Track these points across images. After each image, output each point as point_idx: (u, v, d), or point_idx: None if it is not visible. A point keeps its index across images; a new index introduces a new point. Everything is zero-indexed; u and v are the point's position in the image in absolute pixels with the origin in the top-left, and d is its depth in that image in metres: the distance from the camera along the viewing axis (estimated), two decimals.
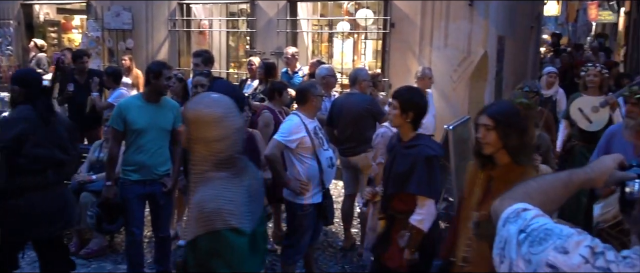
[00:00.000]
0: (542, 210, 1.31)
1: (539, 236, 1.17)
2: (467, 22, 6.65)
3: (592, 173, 1.44)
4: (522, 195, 1.37)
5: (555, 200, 1.40)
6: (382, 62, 7.28)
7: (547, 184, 1.42)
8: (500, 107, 2.67)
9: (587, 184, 1.46)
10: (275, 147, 3.99)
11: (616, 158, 1.47)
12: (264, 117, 4.92)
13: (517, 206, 1.30)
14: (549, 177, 1.48)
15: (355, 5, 8.47)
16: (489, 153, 2.59)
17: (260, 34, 7.98)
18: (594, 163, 1.47)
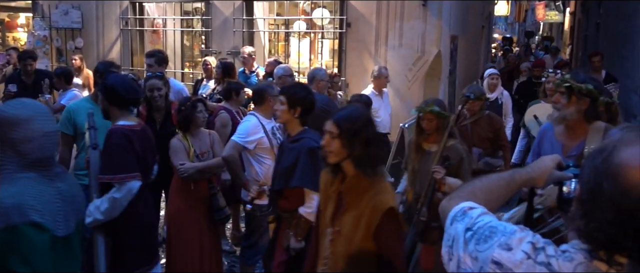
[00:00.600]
0: (488, 207, 1.37)
1: (484, 234, 1.23)
2: (421, 22, 6.78)
3: (533, 173, 1.52)
4: (467, 194, 1.43)
5: (499, 198, 1.48)
6: (339, 62, 7.33)
7: (492, 183, 1.49)
8: (348, 113, 2.45)
9: (528, 183, 1.54)
10: (233, 148, 3.96)
11: (554, 159, 1.55)
12: (221, 118, 4.86)
13: (464, 204, 1.35)
14: (493, 176, 1.54)
15: (312, 5, 8.49)
16: (334, 163, 2.43)
17: (216, 34, 7.88)
18: (534, 163, 1.56)
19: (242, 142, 3.96)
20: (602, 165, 1.09)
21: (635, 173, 1.05)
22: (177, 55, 8.64)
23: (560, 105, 2.93)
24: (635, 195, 1.03)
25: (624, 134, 1.16)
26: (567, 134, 3.01)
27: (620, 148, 1.09)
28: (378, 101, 6.36)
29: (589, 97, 2.85)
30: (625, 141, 1.11)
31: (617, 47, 9.44)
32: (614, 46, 9.86)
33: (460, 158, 3.68)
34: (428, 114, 3.75)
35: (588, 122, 2.90)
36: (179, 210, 4.05)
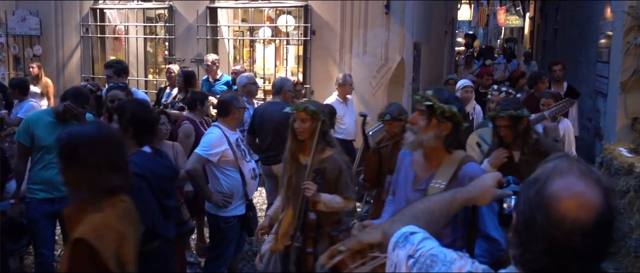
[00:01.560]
0: (429, 229, 1.40)
1: (425, 262, 1.24)
2: (384, 29, 6.87)
3: (474, 192, 1.57)
4: (409, 217, 1.46)
5: (440, 220, 1.52)
6: (304, 69, 7.36)
7: (433, 205, 1.52)
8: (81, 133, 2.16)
9: (469, 202, 1.59)
10: (197, 161, 3.94)
11: (495, 177, 1.60)
12: (184, 128, 4.82)
13: (405, 229, 1.36)
14: (434, 197, 1.58)
15: (277, 11, 8.49)
16: None
17: (180, 41, 7.80)
18: (475, 182, 1.60)
19: (206, 155, 3.94)
20: (535, 196, 1.11)
21: (566, 205, 1.07)
22: (140, 63, 8.51)
23: (417, 128, 2.36)
24: (566, 226, 1.05)
25: (557, 164, 1.17)
26: (423, 163, 2.48)
27: (553, 179, 1.11)
28: (343, 108, 6.41)
29: (452, 122, 2.33)
30: (558, 172, 1.13)
31: (573, 52, 9.77)
32: (571, 51, 10.20)
33: (339, 171, 3.25)
34: (301, 113, 3.27)
35: (447, 151, 2.39)
36: None
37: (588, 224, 1.06)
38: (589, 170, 1.15)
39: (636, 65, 5.91)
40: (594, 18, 7.91)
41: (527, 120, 3.48)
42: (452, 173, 2.31)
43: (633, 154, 5.46)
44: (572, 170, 1.13)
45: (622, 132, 6.14)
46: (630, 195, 4.76)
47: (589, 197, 1.08)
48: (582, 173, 1.13)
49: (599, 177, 1.13)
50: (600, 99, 7.14)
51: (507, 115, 3.42)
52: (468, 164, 2.35)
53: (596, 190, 1.09)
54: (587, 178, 1.11)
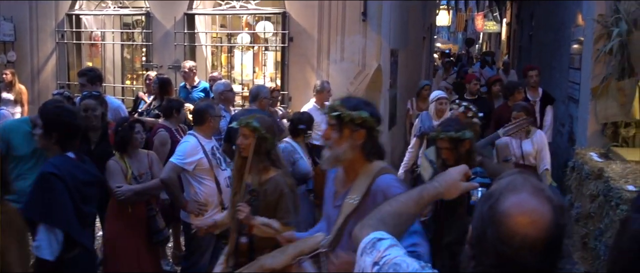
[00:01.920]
0: (397, 230, 1.43)
1: (388, 271, 1.28)
2: (361, 36, 6.93)
3: (441, 188, 1.59)
4: (377, 222, 1.48)
5: (408, 219, 1.54)
6: (282, 76, 7.38)
7: (401, 206, 1.54)
8: None
9: (437, 198, 1.60)
10: (172, 170, 3.94)
11: (461, 170, 1.62)
12: (160, 136, 4.81)
13: (373, 235, 1.40)
14: (402, 197, 1.59)
15: (256, 18, 8.50)
16: None
17: (157, 47, 7.76)
18: (442, 177, 1.62)
19: (181, 164, 3.94)
20: (488, 212, 1.14)
21: (516, 222, 1.10)
22: (118, 69, 8.44)
23: (331, 142, 2.23)
24: (516, 243, 1.09)
25: (512, 180, 1.20)
26: (342, 177, 2.34)
27: (506, 196, 1.14)
28: (320, 115, 6.44)
29: (365, 128, 2.21)
30: (511, 188, 1.16)
31: (548, 58, 9.97)
32: (545, 57, 10.40)
33: (280, 194, 3.00)
34: (244, 129, 3.13)
35: (367, 160, 2.26)
36: (116, 233, 3.97)
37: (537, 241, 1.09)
38: (541, 187, 1.18)
39: (606, 73, 6.06)
40: (567, 25, 8.09)
41: (470, 142, 3.35)
42: (366, 188, 2.20)
43: (603, 159, 5.60)
44: (525, 187, 1.16)
45: (593, 137, 6.27)
46: (599, 199, 4.87)
47: (539, 214, 1.11)
48: (534, 190, 1.16)
49: (550, 195, 1.16)
50: (572, 104, 7.30)
51: (447, 137, 3.33)
52: (381, 177, 2.21)
53: (547, 208, 1.13)
54: (539, 196, 1.14)
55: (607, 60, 6.03)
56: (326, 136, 2.27)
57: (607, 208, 4.66)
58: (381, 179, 2.20)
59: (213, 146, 4.20)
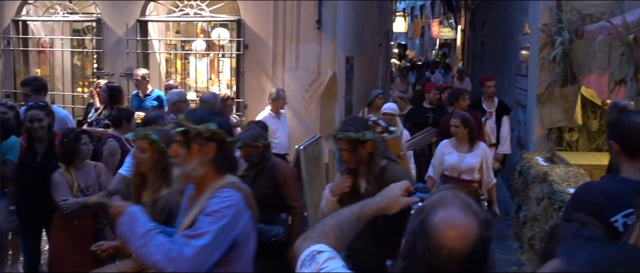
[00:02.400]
0: (338, 244, 1.46)
1: None
2: (316, 44, 6.98)
3: (382, 202, 1.62)
4: (319, 234, 1.51)
5: (350, 233, 1.57)
6: (237, 83, 7.35)
7: (342, 220, 1.57)
8: None
9: (379, 212, 1.64)
10: (120, 181, 3.86)
11: (402, 186, 1.66)
12: (109, 146, 4.71)
13: (313, 248, 1.42)
14: (344, 211, 1.62)
15: (211, 25, 8.43)
16: None
17: (108, 54, 7.60)
18: (384, 192, 1.66)
19: (130, 175, 3.86)
20: (419, 226, 1.19)
21: (445, 235, 1.15)
22: (67, 77, 8.21)
23: (180, 160, 2.12)
24: (443, 255, 1.14)
25: (443, 195, 1.25)
26: (193, 194, 2.23)
27: (436, 210, 1.19)
28: (276, 123, 6.45)
29: (215, 141, 2.11)
30: (441, 203, 1.21)
31: (498, 65, 10.28)
32: (495, 63, 10.73)
33: (168, 214, 2.75)
34: (141, 142, 2.90)
35: (220, 173, 2.15)
36: (62, 248, 3.86)
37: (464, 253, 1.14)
38: (468, 202, 1.23)
39: (550, 80, 6.31)
40: (515, 33, 8.37)
41: (373, 144, 3.00)
42: (206, 200, 2.09)
43: (548, 163, 5.82)
44: (455, 202, 1.21)
45: (540, 141, 6.52)
46: (544, 202, 5.06)
47: (466, 228, 1.17)
48: (462, 205, 1.21)
49: (477, 210, 1.22)
50: (520, 110, 7.55)
51: (346, 137, 2.97)
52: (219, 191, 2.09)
53: (474, 222, 1.18)
54: (466, 211, 1.20)
55: (552, 68, 6.30)
56: (174, 154, 2.13)
57: (551, 211, 4.84)
58: (216, 195, 2.09)
59: None
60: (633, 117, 2.29)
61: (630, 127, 2.18)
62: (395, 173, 2.95)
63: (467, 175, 4.91)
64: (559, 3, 6.26)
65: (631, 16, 4.72)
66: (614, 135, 2.24)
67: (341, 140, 3.01)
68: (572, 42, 5.90)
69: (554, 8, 6.28)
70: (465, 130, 4.88)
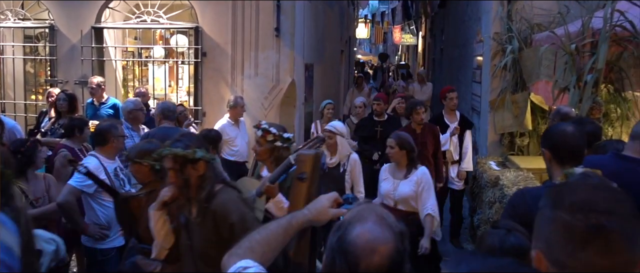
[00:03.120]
0: (265, 258, 1.48)
1: None
2: (275, 52, 7.01)
3: (310, 215, 1.62)
4: (245, 250, 1.51)
5: (277, 246, 1.57)
6: (195, 91, 7.29)
7: (269, 234, 1.57)
8: None
9: (307, 225, 1.63)
10: (70, 193, 3.78)
11: (331, 197, 1.66)
12: (61, 157, 4.60)
13: (239, 264, 1.43)
14: (271, 225, 1.62)
15: (171, 31, 8.35)
16: None
17: (63, 62, 7.43)
18: (312, 204, 1.66)
19: (80, 186, 3.80)
20: (337, 243, 1.22)
21: (362, 250, 1.18)
22: (19, 84, 7.98)
23: None
24: (361, 270, 1.17)
25: (360, 210, 1.29)
26: None
27: (353, 226, 1.23)
28: (234, 130, 6.44)
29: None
30: (358, 218, 1.25)
31: (455, 72, 10.53)
32: (453, 70, 10.98)
33: None
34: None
35: None
36: None
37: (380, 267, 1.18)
38: (384, 216, 1.27)
39: (502, 86, 6.51)
40: (470, 41, 8.60)
41: (205, 165, 2.56)
42: None
43: (500, 167, 6.00)
44: (371, 217, 1.25)
45: (493, 146, 6.71)
46: (496, 206, 5.21)
47: (382, 242, 1.20)
48: (378, 219, 1.25)
49: (392, 223, 1.26)
50: (475, 116, 7.76)
51: (172, 154, 2.52)
52: None
53: (389, 236, 1.22)
54: (382, 225, 1.23)
55: (503, 75, 6.50)
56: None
57: None
58: None
59: (116, 167, 4.08)
60: (562, 126, 2.40)
61: (560, 136, 2.29)
62: (223, 201, 2.56)
63: (402, 205, 4.21)
64: (510, 13, 6.47)
65: (573, 27, 4.93)
66: (546, 144, 2.35)
67: (167, 158, 2.55)
68: (521, 50, 6.10)
69: (504, 17, 6.48)
70: (402, 152, 4.21)
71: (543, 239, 1.11)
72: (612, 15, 4.41)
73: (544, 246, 1.11)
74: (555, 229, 1.08)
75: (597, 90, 4.48)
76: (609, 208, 1.06)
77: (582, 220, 1.04)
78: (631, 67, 4.41)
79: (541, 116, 6.40)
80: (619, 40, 4.48)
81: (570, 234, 1.05)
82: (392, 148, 4.25)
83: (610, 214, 1.05)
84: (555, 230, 1.08)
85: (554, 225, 1.09)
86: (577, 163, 2.34)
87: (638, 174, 2.28)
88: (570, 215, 1.06)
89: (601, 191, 1.11)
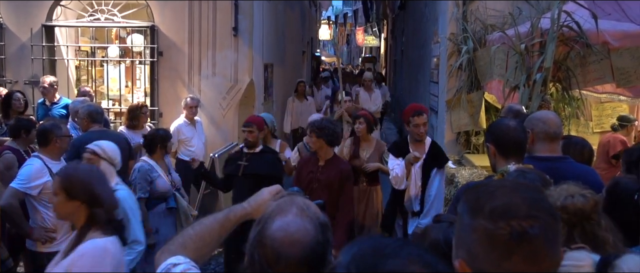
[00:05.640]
0: (198, 254, 1.44)
1: None
2: (233, 51, 6.93)
3: (249, 208, 1.58)
4: (177, 246, 1.47)
5: (212, 242, 1.53)
6: (152, 91, 7.15)
7: (204, 229, 1.53)
8: None
9: (245, 218, 1.58)
10: (12, 196, 3.65)
11: (272, 190, 1.62)
12: (5, 159, 4.42)
13: (170, 261, 1.40)
14: (207, 220, 1.58)
15: (127, 30, 8.15)
16: None
17: (11, 61, 7.16)
18: (252, 198, 1.62)
19: (23, 189, 3.67)
20: (256, 236, 1.19)
21: (281, 243, 1.15)
22: None
23: None
24: (281, 263, 1.15)
25: (280, 203, 1.27)
26: None
27: (273, 219, 1.20)
28: (191, 130, 6.35)
29: None
30: (278, 211, 1.22)
31: (415, 72, 10.67)
32: (413, 71, 11.13)
33: None
34: None
35: None
36: None
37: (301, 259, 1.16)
38: (305, 207, 1.24)
39: (458, 86, 6.63)
40: (428, 42, 8.73)
41: None
42: None
43: (456, 165, 6.10)
44: (291, 209, 1.22)
45: (450, 145, 6.82)
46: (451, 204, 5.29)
47: (302, 234, 1.17)
48: (299, 211, 1.22)
49: (313, 214, 1.23)
50: (433, 115, 7.87)
51: None
52: None
53: (309, 227, 1.19)
54: (302, 216, 1.21)
55: (459, 75, 6.62)
56: None
57: None
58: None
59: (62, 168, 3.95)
60: (505, 121, 2.45)
61: (503, 130, 2.33)
62: None
63: None
64: (465, 14, 6.60)
65: (523, 28, 5.05)
66: (490, 138, 2.39)
67: None
68: (475, 50, 6.23)
69: (460, 18, 6.61)
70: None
71: (465, 248, 1.07)
72: (559, 16, 4.54)
73: (466, 255, 1.06)
74: (477, 238, 1.04)
75: (546, 89, 4.61)
76: (529, 212, 1.02)
77: (504, 228, 1.00)
78: (578, 66, 4.55)
79: (495, 115, 6.53)
80: (566, 40, 4.62)
81: (492, 243, 1.01)
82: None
83: (532, 218, 1.01)
84: (476, 239, 1.04)
85: (475, 234, 1.04)
86: (520, 158, 2.39)
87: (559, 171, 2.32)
88: (492, 223, 1.02)
89: (520, 193, 1.07)
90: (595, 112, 6.21)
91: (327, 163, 4.26)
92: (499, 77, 5.37)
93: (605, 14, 4.77)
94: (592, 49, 4.45)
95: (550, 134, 2.61)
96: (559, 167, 2.52)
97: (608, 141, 5.63)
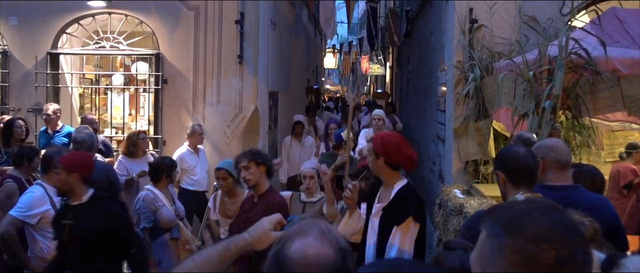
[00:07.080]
0: None
1: None
2: (238, 79, 6.91)
3: (250, 239, 1.53)
4: None
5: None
6: (156, 118, 7.10)
7: (204, 260, 1.47)
8: None
9: (246, 249, 1.54)
10: (10, 224, 3.57)
11: (272, 220, 1.57)
12: (6, 188, 4.36)
13: None
14: (206, 251, 1.53)
15: (132, 58, 8.17)
16: None
17: (15, 88, 7.15)
18: (253, 228, 1.57)
19: (22, 217, 3.59)
20: (274, 256, 1.17)
21: (299, 265, 1.12)
22: None
23: None
24: None
25: (302, 224, 1.22)
26: None
27: (293, 240, 1.17)
28: (194, 159, 6.27)
29: None
30: (299, 232, 1.18)
31: (421, 101, 10.62)
32: (419, 99, 11.08)
33: None
34: None
35: None
36: None
37: None
38: (326, 230, 1.20)
39: (465, 114, 6.55)
40: (434, 69, 8.69)
41: None
42: None
43: (465, 195, 5.96)
44: (312, 231, 1.19)
45: (458, 174, 6.70)
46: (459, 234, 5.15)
47: (321, 257, 1.14)
48: (320, 234, 1.18)
49: (335, 238, 1.19)
50: (440, 143, 7.77)
51: None
52: None
53: (330, 251, 1.16)
54: (323, 240, 1.17)
55: (466, 103, 6.54)
56: None
57: None
58: None
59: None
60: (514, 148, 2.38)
61: (513, 157, 2.25)
62: None
63: None
64: (471, 41, 6.56)
65: (531, 55, 5.00)
66: (499, 166, 2.31)
67: None
68: (483, 78, 6.16)
69: (466, 46, 6.57)
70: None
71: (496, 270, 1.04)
72: (567, 43, 4.48)
73: None
74: (516, 260, 1.01)
75: (555, 116, 4.52)
76: (571, 236, 1.03)
77: (549, 252, 1.00)
78: (587, 93, 4.47)
79: (504, 143, 6.43)
80: (575, 67, 4.55)
81: (534, 266, 1.00)
82: None
83: (575, 242, 1.02)
84: (515, 262, 1.01)
85: (514, 256, 1.01)
86: (531, 186, 2.31)
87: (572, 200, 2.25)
88: (535, 245, 1.00)
89: (557, 216, 1.07)
90: (607, 141, 6.10)
91: (260, 198, 3.72)
92: (507, 105, 5.29)
93: (614, 41, 4.71)
94: (601, 76, 4.38)
95: (562, 162, 2.55)
96: (572, 196, 2.45)
97: (618, 171, 5.51)
